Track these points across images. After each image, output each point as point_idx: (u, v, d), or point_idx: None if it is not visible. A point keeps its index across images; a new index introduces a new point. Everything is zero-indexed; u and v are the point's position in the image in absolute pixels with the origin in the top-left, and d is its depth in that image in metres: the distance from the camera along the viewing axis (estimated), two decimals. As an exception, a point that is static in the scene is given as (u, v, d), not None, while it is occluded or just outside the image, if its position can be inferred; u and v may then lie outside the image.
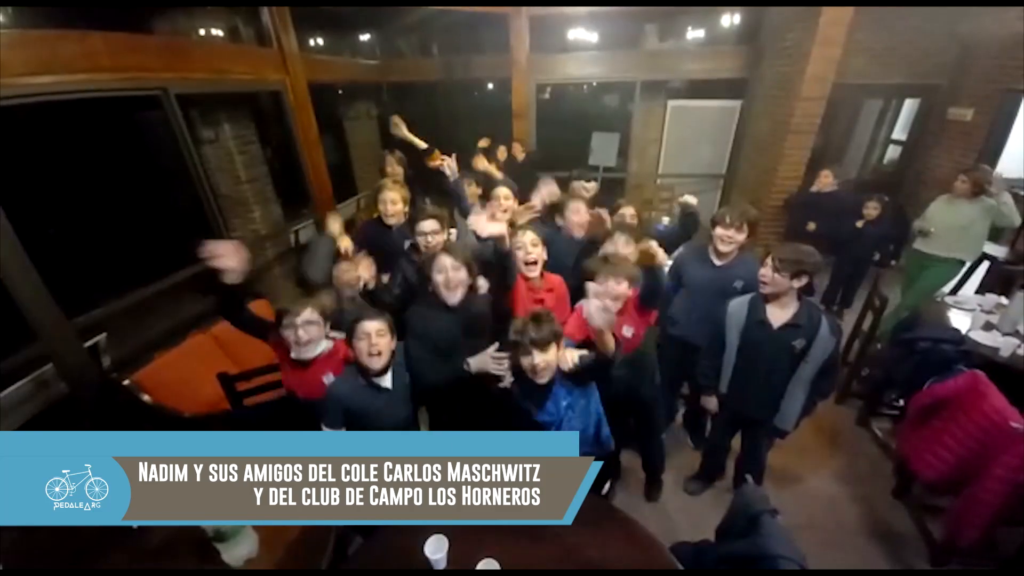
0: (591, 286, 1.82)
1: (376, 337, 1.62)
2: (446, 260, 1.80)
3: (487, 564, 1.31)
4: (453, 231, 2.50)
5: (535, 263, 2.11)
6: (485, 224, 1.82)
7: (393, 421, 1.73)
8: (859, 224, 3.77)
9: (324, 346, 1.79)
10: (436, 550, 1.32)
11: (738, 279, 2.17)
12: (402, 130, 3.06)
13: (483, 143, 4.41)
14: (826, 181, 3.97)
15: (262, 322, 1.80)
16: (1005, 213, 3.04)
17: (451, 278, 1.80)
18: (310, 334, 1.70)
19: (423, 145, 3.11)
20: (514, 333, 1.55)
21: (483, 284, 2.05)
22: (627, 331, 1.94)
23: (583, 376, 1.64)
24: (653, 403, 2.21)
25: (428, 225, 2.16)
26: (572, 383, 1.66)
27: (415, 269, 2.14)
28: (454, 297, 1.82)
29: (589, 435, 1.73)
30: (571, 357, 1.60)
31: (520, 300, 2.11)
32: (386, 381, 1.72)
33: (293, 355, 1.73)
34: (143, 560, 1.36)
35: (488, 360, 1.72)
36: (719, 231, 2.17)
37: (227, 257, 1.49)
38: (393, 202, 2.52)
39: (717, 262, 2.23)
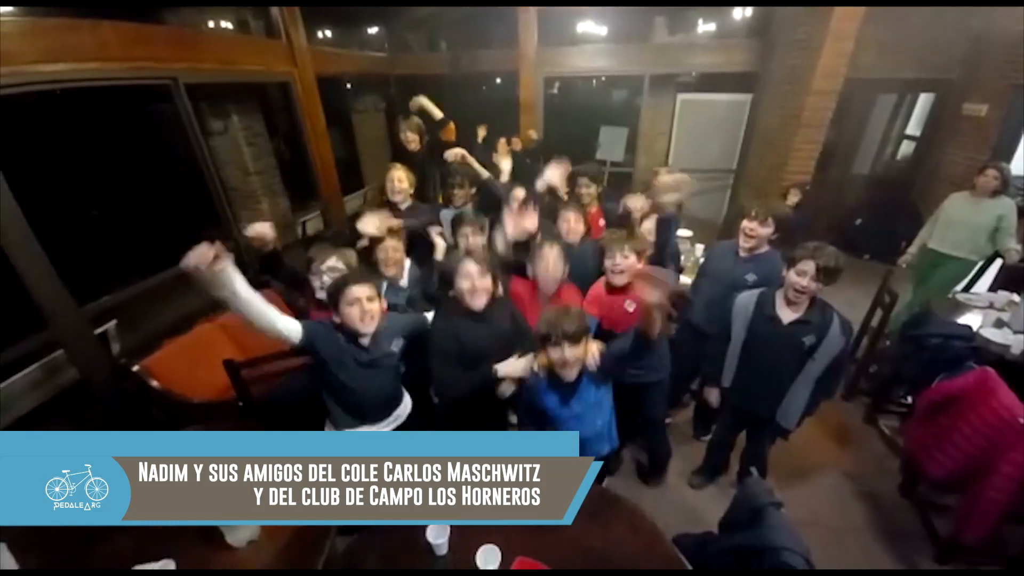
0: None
1: (367, 303, 1.60)
2: (472, 267, 1.77)
3: (488, 550, 1.32)
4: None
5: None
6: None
7: (373, 387, 1.72)
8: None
9: None
10: (438, 535, 1.34)
11: (751, 274, 2.15)
12: (421, 100, 3.11)
13: (481, 132, 4.40)
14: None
15: (297, 273, 2.12)
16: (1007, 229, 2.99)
17: (477, 286, 1.77)
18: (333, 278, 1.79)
19: (439, 115, 3.12)
20: (545, 326, 1.53)
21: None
22: (630, 306, 1.94)
23: (613, 369, 1.63)
24: (658, 385, 2.16)
25: (468, 230, 2.27)
26: (601, 378, 1.64)
27: (437, 275, 2.18)
28: (478, 301, 1.78)
29: (601, 430, 1.72)
30: (594, 351, 1.59)
31: (531, 311, 2.03)
32: (365, 341, 1.68)
33: (318, 295, 1.95)
34: (147, 544, 1.37)
35: (520, 365, 1.72)
36: (744, 223, 2.19)
37: (265, 233, 1.93)
38: (399, 179, 2.54)
39: (741, 254, 2.24)
